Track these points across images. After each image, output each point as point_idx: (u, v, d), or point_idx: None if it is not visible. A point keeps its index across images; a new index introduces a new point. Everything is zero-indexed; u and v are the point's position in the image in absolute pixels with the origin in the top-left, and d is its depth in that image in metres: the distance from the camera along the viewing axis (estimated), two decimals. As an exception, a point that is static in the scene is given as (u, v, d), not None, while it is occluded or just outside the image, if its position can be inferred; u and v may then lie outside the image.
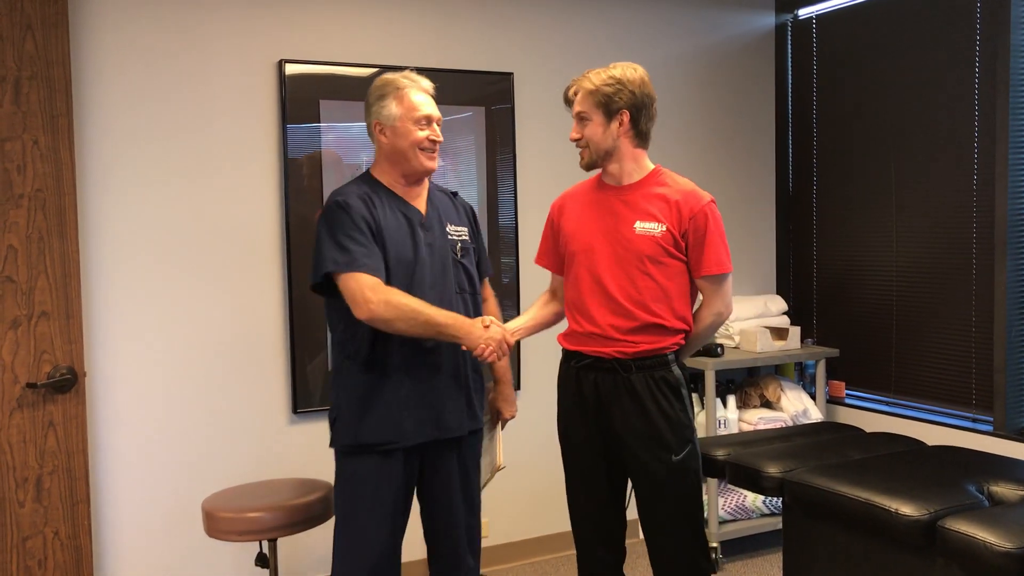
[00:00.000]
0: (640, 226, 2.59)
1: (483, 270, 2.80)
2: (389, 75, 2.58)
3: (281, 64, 3.52)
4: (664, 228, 2.59)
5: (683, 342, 2.67)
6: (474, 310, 2.67)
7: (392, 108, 2.52)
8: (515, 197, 4.00)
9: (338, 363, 2.59)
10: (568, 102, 2.68)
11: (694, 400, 3.88)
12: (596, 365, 2.63)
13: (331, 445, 2.59)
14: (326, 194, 3.58)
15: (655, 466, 2.60)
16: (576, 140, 2.66)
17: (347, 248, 2.42)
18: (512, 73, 3.99)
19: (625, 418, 2.59)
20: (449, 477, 2.63)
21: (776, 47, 4.70)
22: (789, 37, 4.68)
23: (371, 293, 2.39)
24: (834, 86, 4.45)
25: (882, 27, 4.17)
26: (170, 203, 3.39)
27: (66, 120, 2.96)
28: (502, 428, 2.91)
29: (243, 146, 3.50)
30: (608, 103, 2.59)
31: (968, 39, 3.78)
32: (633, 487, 2.70)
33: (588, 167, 2.69)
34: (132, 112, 3.32)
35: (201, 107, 3.43)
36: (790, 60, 4.68)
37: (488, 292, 2.88)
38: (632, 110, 2.60)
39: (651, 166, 2.69)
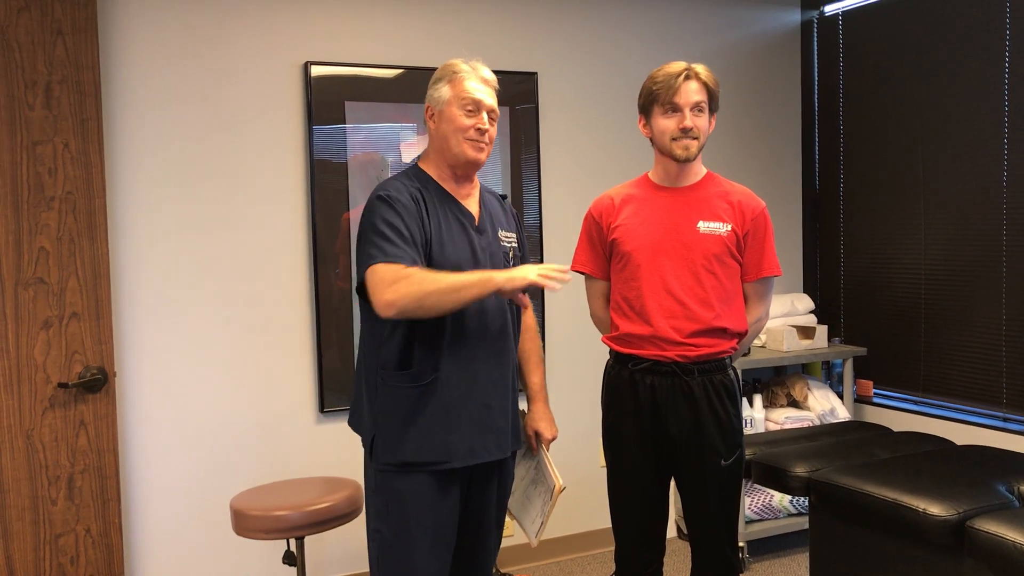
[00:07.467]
0: (704, 225, 2.57)
1: None
2: (454, 61, 2.40)
3: (307, 66, 3.54)
4: (729, 228, 2.58)
5: (738, 346, 2.66)
6: (517, 323, 2.49)
7: (443, 91, 2.34)
8: (539, 196, 4.01)
9: (374, 375, 2.34)
10: (687, 78, 2.55)
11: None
12: (654, 369, 2.58)
13: (371, 462, 2.36)
14: (352, 194, 3.63)
15: (704, 470, 2.59)
16: (688, 130, 2.54)
17: (379, 244, 2.20)
18: (536, 73, 3.99)
19: (680, 423, 2.57)
20: (488, 502, 2.45)
21: (802, 44, 4.67)
22: (815, 34, 4.64)
23: (384, 286, 2.15)
24: (861, 82, 4.41)
25: (909, 22, 4.13)
26: (198, 204, 3.43)
27: (95, 123, 3.00)
28: (547, 449, 2.62)
29: (270, 147, 3.53)
30: (715, 100, 2.62)
31: (997, 32, 3.74)
32: (678, 488, 2.70)
33: (689, 160, 2.58)
34: (160, 115, 3.36)
35: (228, 109, 3.47)
36: (816, 57, 4.65)
37: (526, 299, 2.67)
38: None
39: (705, 170, 2.70)
